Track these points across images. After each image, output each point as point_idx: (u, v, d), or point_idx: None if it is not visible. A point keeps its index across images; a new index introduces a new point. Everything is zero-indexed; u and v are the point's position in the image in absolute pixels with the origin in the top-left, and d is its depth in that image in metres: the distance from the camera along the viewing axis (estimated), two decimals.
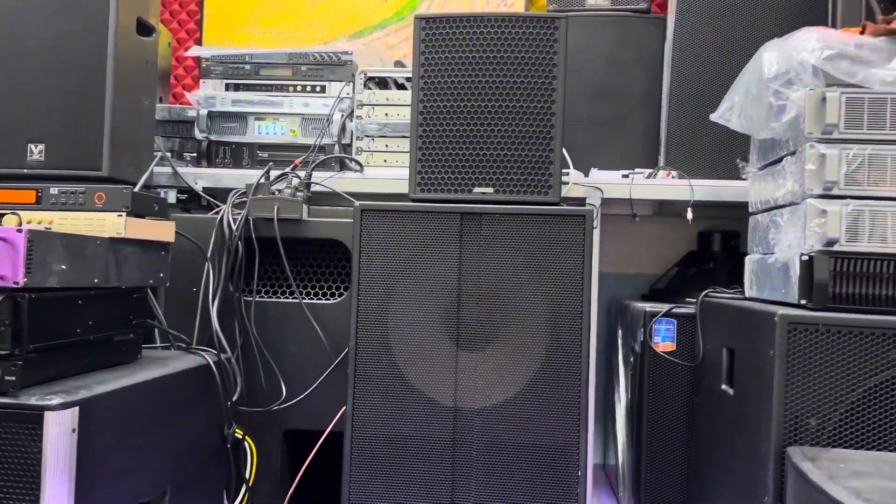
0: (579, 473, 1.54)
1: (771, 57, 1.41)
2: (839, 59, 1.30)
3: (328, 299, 1.81)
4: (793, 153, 1.41)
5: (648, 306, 1.86)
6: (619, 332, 2.18)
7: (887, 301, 1.30)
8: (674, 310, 1.82)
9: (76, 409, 1.15)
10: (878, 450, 1.22)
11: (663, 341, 1.82)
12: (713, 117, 1.66)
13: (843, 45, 1.31)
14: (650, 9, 2.23)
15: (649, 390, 1.83)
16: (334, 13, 2.66)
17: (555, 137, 1.62)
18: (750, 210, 1.69)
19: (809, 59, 1.31)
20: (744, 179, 1.77)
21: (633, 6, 2.21)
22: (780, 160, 1.48)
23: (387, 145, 2.14)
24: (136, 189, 1.57)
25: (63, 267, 1.26)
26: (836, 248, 1.30)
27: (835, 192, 1.31)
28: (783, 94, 1.38)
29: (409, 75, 2.06)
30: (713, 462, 1.61)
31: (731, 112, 1.61)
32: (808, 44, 1.31)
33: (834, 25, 2.13)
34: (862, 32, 1.35)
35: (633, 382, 1.92)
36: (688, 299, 1.91)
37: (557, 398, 1.56)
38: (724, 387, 1.52)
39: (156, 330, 1.73)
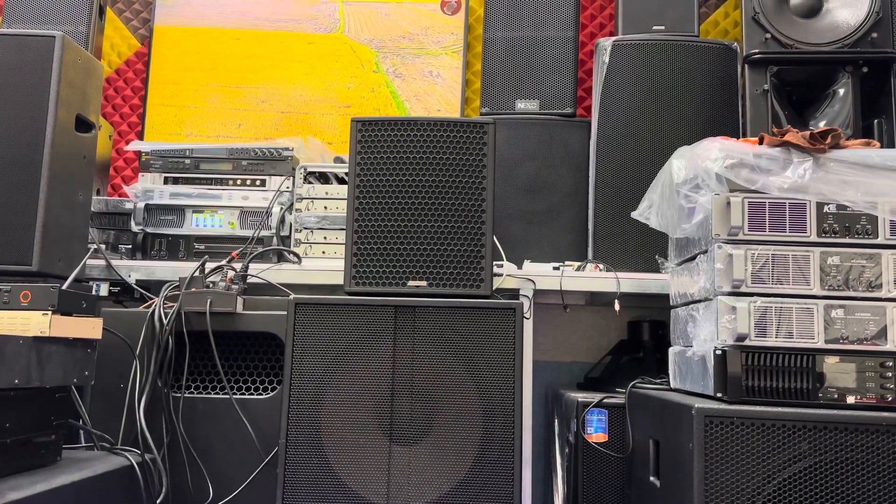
0: None
1: (680, 164, 1.52)
2: (739, 167, 1.42)
3: (260, 394, 1.79)
4: (704, 252, 1.50)
5: (581, 396, 1.89)
6: (556, 421, 2.20)
7: (797, 394, 1.37)
8: (605, 400, 1.85)
9: None
10: None
11: (596, 432, 1.85)
12: (634, 215, 1.76)
13: (742, 155, 1.42)
14: (576, 113, 2.38)
15: (584, 482, 1.84)
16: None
17: (485, 233, 1.69)
18: (671, 303, 1.77)
19: (713, 167, 1.42)
20: (665, 273, 1.86)
21: (559, 111, 2.36)
22: (694, 257, 1.57)
23: (325, 237, 2.18)
24: (67, 284, 1.56)
25: None
26: (746, 342, 1.38)
27: (742, 289, 1.40)
28: (692, 198, 1.48)
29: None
30: None
31: (650, 210, 1.71)
32: (711, 153, 1.43)
33: (744, 130, 2.32)
34: (760, 143, 1.47)
35: (569, 473, 1.92)
36: (618, 389, 1.95)
37: (491, 493, 1.55)
38: (651, 478, 1.55)
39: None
